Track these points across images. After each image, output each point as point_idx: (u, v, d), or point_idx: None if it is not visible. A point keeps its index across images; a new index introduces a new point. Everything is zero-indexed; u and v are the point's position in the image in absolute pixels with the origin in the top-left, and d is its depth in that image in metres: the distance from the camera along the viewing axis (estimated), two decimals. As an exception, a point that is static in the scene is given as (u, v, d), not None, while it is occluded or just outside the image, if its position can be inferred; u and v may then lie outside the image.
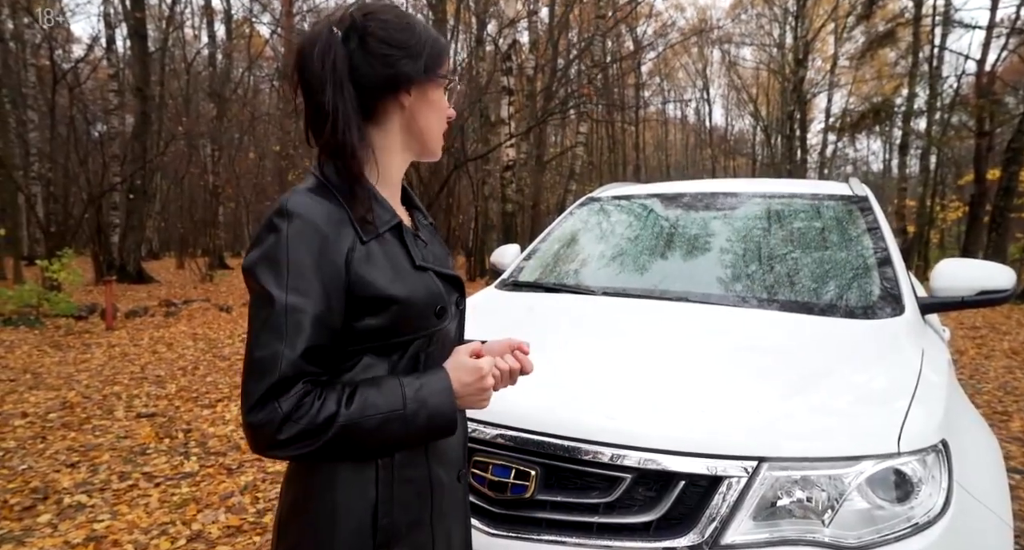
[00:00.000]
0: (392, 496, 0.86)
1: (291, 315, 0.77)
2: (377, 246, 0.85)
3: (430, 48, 0.92)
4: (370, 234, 0.85)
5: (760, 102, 29.51)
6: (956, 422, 1.37)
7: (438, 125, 0.96)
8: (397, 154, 0.94)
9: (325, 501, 0.85)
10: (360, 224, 0.84)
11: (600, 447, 1.25)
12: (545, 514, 1.27)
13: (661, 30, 23.85)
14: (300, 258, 0.79)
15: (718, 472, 1.19)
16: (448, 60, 0.96)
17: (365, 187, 0.88)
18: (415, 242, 0.92)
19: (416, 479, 0.89)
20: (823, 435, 1.24)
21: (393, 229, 0.89)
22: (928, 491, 1.20)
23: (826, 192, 2.42)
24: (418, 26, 0.92)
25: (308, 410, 0.77)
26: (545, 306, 2.13)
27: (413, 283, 0.87)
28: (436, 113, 0.94)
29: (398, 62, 0.88)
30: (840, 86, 25.96)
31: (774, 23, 25.54)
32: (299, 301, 0.78)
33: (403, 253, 0.89)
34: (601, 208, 2.81)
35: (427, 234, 1.00)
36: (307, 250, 0.79)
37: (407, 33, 0.90)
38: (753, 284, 2.04)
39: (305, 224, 0.80)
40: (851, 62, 22.00)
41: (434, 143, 0.97)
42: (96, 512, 2.74)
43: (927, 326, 1.95)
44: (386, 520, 0.85)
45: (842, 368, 1.48)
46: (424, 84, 0.91)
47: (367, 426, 0.79)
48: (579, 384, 1.44)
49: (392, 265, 0.86)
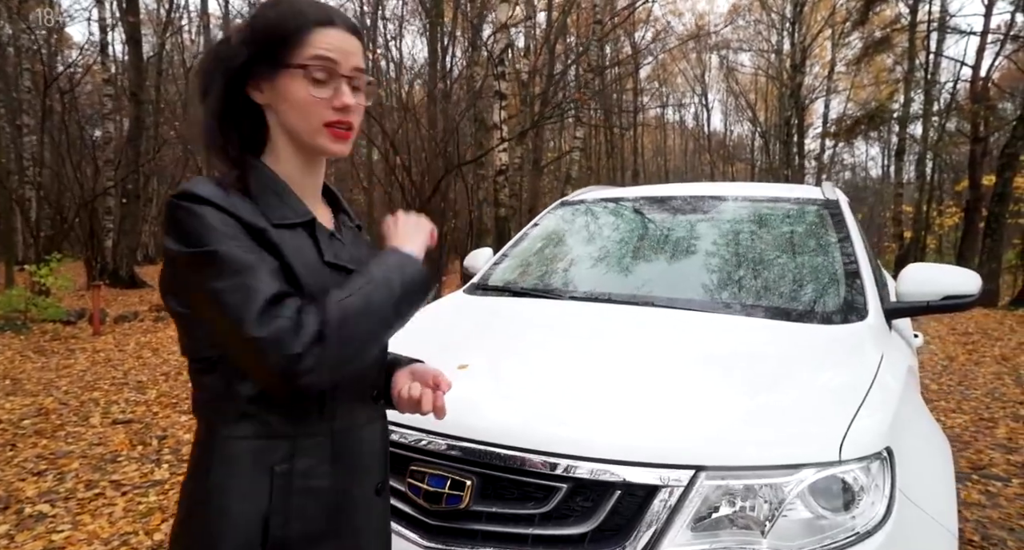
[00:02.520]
0: (288, 507, 0.82)
1: (241, 261, 0.75)
2: (289, 235, 0.83)
3: (269, 35, 0.84)
4: (279, 220, 0.83)
5: (759, 107, 29.58)
6: (906, 429, 1.33)
7: (302, 121, 0.85)
8: (287, 152, 0.90)
9: (214, 508, 0.81)
10: (266, 211, 0.83)
11: (535, 456, 1.21)
12: (480, 526, 1.23)
13: (658, 35, 23.92)
14: (228, 231, 0.77)
15: (653, 481, 1.15)
16: (309, 43, 0.84)
17: (267, 177, 0.87)
18: (329, 240, 0.90)
19: (319, 490, 0.84)
20: (763, 443, 1.20)
21: (305, 225, 0.87)
22: (871, 499, 1.16)
23: (796, 196, 2.39)
24: (271, 13, 0.85)
25: (308, 315, 0.74)
26: (508, 311, 2.09)
27: (323, 278, 0.84)
28: (295, 108, 0.85)
29: (232, 58, 0.85)
30: (838, 92, 26.03)
31: (772, 29, 25.63)
32: (243, 253, 0.76)
33: (314, 249, 0.86)
34: (574, 212, 2.77)
35: (351, 236, 0.98)
36: (231, 226, 0.78)
37: (251, 24, 0.86)
38: (716, 288, 2.01)
39: (218, 206, 0.78)
40: (848, 68, 22.06)
41: (308, 140, 0.87)
42: (57, 522, 2.69)
43: (892, 332, 1.91)
44: (279, 532, 0.81)
45: (793, 374, 1.44)
46: (274, 77, 0.85)
47: (360, 303, 0.78)
48: (521, 391, 1.40)
49: (302, 258, 0.84)
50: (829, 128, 22.34)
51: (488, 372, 1.48)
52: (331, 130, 0.87)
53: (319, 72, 0.84)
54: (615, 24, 17.69)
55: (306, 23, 0.84)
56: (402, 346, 1.82)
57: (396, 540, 1.26)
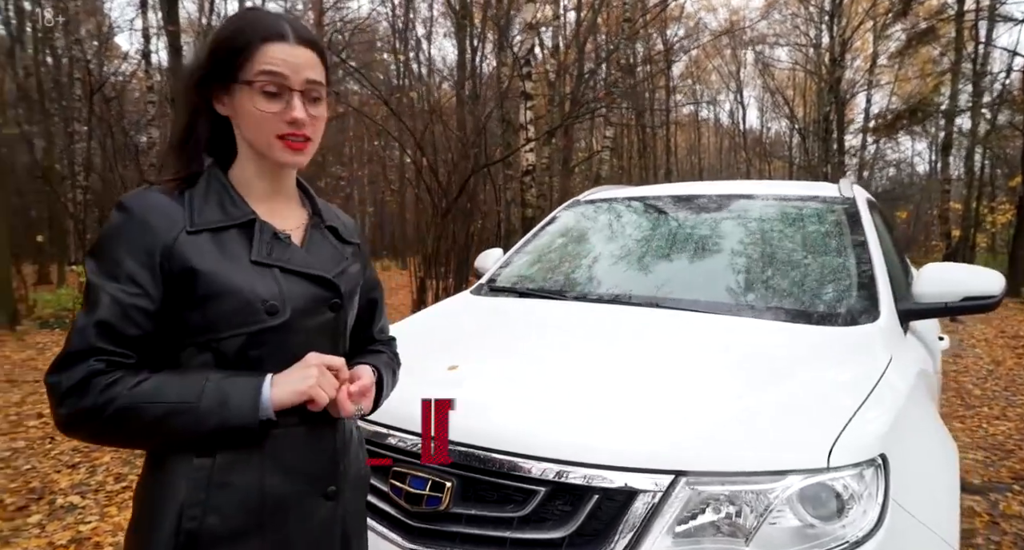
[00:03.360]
0: (203, 500, 0.82)
1: (95, 293, 0.81)
2: (211, 238, 0.86)
3: (221, 52, 0.88)
4: (200, 225, 0.86)
5: (796, 103, 28.78)
6: (906, 436, 1.27)
7: (256, 133, 0.88)
8: (250, 160, 0.93)
9: (145, 501, 0.86)
10: (194, 215, 0.86)
11: (514, 458, 1.20)
12: (460, 528, 1.23)
13: (692, 32, 23.52)
14: (116, 245, 0.82)
15: (632, 486, 1.13)
16: (257, 58, 0.86)
17: (217, 182, 0.90)
18: (271, 240, 0.90)
19: (241, 487, 0.84)
20: (748, 448, 1.16)
21: (243, 226, 0.89)
22: (862, 508, 1.11)
23: (811, 194, 2.32)
24: (223, 31, 0.90)
25: (92, 389, 0.77)
26: (508, 312, 2.08)
27: (242, 277, 0.85)
28: (250, 121, 0.88)
29: (192, 73, 0.90)
30: (880, 86, 25.12)
31: (809, 23, 24.89)
32: (104, 282, 0.81)
33: (244, 249, 0.88)
34: (584, 212, 2.75)
35: (318, 236, 0.99)
36: (126, 238, 0.82)
37: (209, 41, 0.90)
38: (722, 289, 1.96)
39: (131, 215, 0.83)
40: (891, 61, 21.25)
41: (263, 149, 0.90)
42: (85, 514, 2.80)
43: (908, 334, 1.84)
44: (192, 525, 0.81)
45: (789, 377, 1.39)
46: (230, 92, 0.88)
47: (149, 414, 0.78)
48: (504, 393, 1.39)
49: (223, 258, 0.85)
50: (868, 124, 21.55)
51: (475, 374, 1.47)
52: (285, 142, 0.89)
53: (268, 87, 0.86)
54: (646, 22, 17.47)
55: (254, 38, 0.87)
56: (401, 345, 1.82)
57: (377, 540, 1.27)
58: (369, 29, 18.73)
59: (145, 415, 0.78)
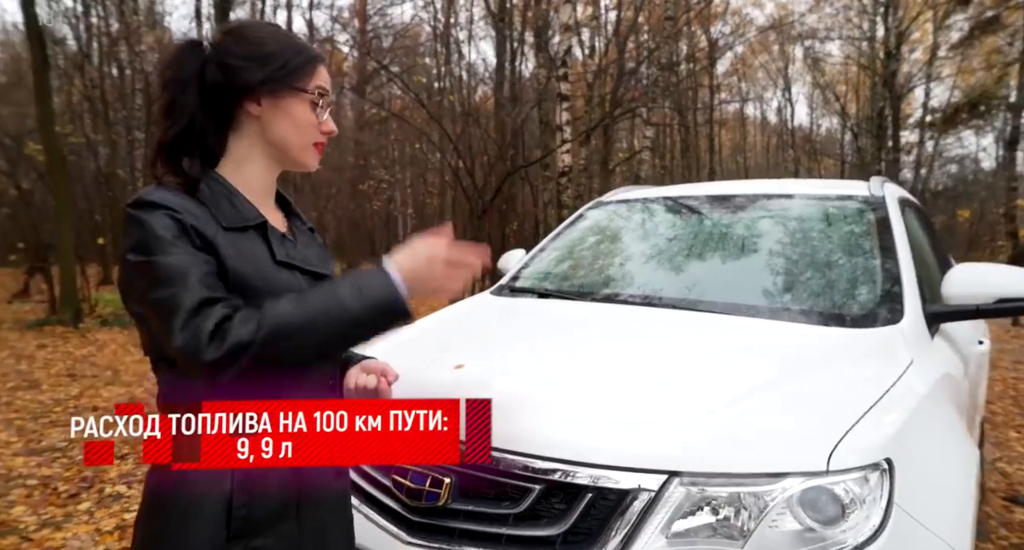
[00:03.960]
0: (251, 490, 0.87)
1: (169, 268, 0.81)
2: (240, 238, 0.90)
3: (283, 61, 0.94)
4: (230, 224, 0.89)
5: (849, 99, 27.73)
6: (920, 441, 1.23)
7: (298, 137, 0.97)
8: (257, 161, 0.98)
9: (180, 497, 0.87)
10: (218, 216, 0.89)
11: (509, 456, 1.22)
12: (458, 523, 1.25)
13: (738, 28, 22.96)
14: (169, 237, 0.83)
15: (625, 485, 1.13)
16: (315, 75, 0.97)
17: (219, 184, 0.93)
18: (281, 241, 0.96)
19: (281, 479, 0.89)
20: (745, 449, 1.14)
21: (257, 227, 0.93)
22: (864, 513, 1.08)
23: (838, 193, 2.25)
24: (274, 41, 0.95)
25: (233, 326, 0.78)
26: (523, 313, 2.10)
27: (273, 277, 0.90)
28: (295, 126, 0.96)
29: (238, 72, 0.92)
30: (941, 79, 23.92)
31: (863, 15, 23.94)
32: (179, 262, 0.81)
33: (265, 250, 0.92)
34: (606, 213, 2.73)
35: (304, 238, 1.04)
36: (175, 232, 0.83)
37: (255, 46, 0.94)
38: (741, 290, 1.92)
39: (167, 211, 0.84)
40: (952, 52, 20.20)
41: (296, 154, 0.98)
42: (131, 502, 2.96)
43: (937, 337, 1.77)
44: (243, 513, 0.86)
45: (801, 379, 1.36)
46: (278, 95, 0.94)
47: (298, 323, 0.81)
48: (504, 391, 1.40)
49: (253, 259, 0.89)
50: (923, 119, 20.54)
51: (477, 372, 1.49)
52: (316, 148, 0.99)
53: (320, 100, 0.97)
54: (689, 19, 17.17)
55: (313, 58, 0.98)
56: (408, 343, 1.86)
57: (380, 533, 1.31)
58: (411, 34, 19.05)
59: (295, 326, 0.81)
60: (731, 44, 22.33)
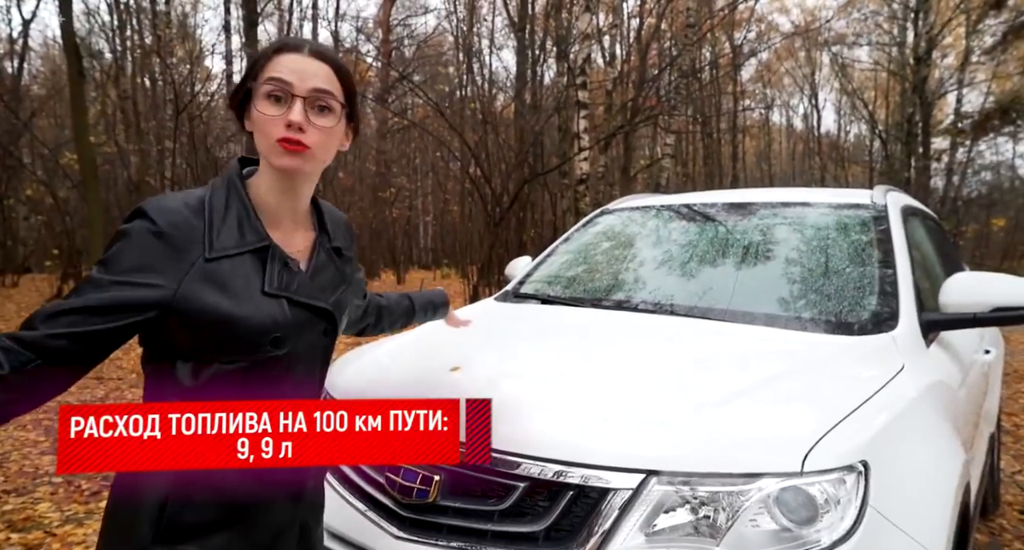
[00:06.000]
0: (186, 496, 0.88)
1: (90, 283, 0.84)
2: (226, 264, 0.88)
3: (250, 65, 0.95)
4: (216, 253, 0.88)
5: (878, 105, 27.25)
6: (903, 445, 1.24)
7: (262, 138, 0.92)
8: (263, 176, 0.97)
9: (122, 498, 0.91)
10: (209, 239, 0.88)
11: (495, 454, 1.25)
12: (446, 519, 1.29)
13: (762, 34, 22.80)
14: (131, 258, 0.84)
15: (603, 483, 1.16)
16: (269, 66, 0.91)
17: (237, 199, 0.93)
18: (281, 268, 0.93)
19: (223, 488, 0.89)
20: (722, 449, 1.17)
21: (257, 251, 0.91)
22: (839, 514, 1.10)
23: (839, 201, 2.25)
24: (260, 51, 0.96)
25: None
26: (524, 318, 2.14)
27: (254, 308, 0.88)
28: (258, 126, 0.92)
29: (233, 95, 0.96)
30: (974, 84, 23.37)
31: (892, 21, 23.55)
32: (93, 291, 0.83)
33: (258, 277, 0.90)
34: (612, 221, 2.77)
35: (324, 258, 1.02)
36: (145, 248, 0.85)
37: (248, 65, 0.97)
38: (737, 297, 1.94)
39: (143, 229, 0.85)
40: (985, 58, 19.74)
41: (267, 155, 0.93)
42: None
43: (933, 345, 1.76)
44: (175, 518, 0.87)
45: (780, 382, 1.38)
46: (249, 103, 0.93)
47: None
48: (496, 393, 1.44)
49: (234, 289, 0.88)
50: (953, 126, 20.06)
51: (472, 375, 1.54)
52: (281, 144, 0.90)
53: (274, 91, 0.90)
54: (712, 25, 17.10)
55: (270, 50, 0.93)
56: (407, 346, 1.91)
57: (373, 529, 1.36)
58: (434, 43, 19.31)
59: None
60: (756, 50, 22.15)
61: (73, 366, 0.84)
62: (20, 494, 3.10)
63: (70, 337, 0.81)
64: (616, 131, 10.27)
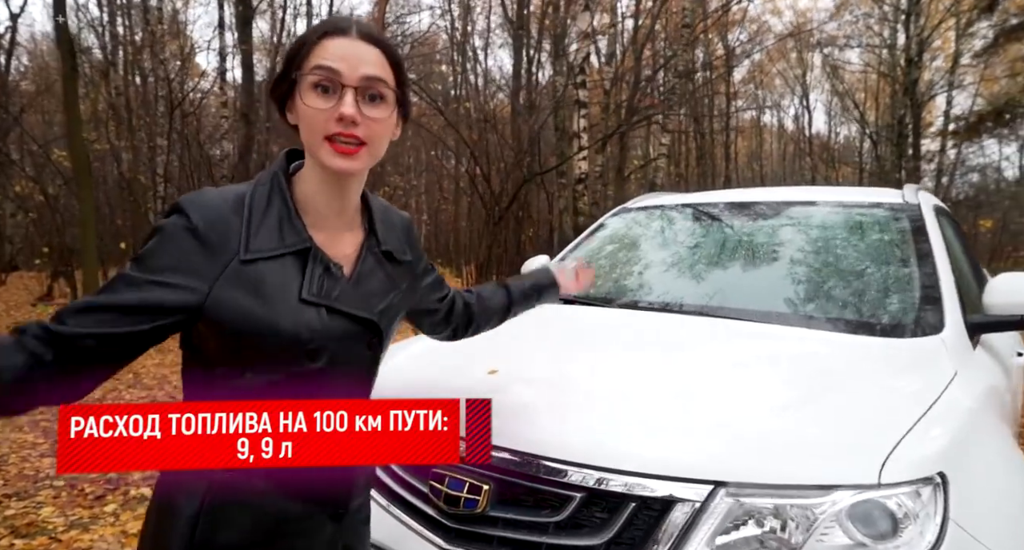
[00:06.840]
0: (217, 513, 0.84)
1: (122, 281, 0.78)
2: (264, 269, 0.82)
3: (290, 56, 0.86)
4: (252, 255, 0.82)
5: (868, 107, 27.44)
6: (971, 454, 1.20)
7: (308, 134, 0.84)
8: (309, 172, 0.89)
9: (163, 507, 0.87)
10: (246, 239, 0.82)
11: (549, 463, 1.20)
12: (497, 531, 1.24)
13: (755, 35, 22.87)
14: (166, 256, 0.79)
15: (669, 495, 1.11)
16: (313, 54, 0.83)
17: (279, 198, 0.86)
18: (322, 273, 0.86)
19: (254, 505, 0.86)
20: (793, 460, 1.12)
21: (297, 254, 0.85)
22: (918, 528, 1.05)
23: (872, 201, 2.22)
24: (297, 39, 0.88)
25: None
26: (552, 318, 2.08)
27: (288, 316, 0.82)
28: (303, 121, 0.84)
29: (273, 88, 0.89)
30: (963, 87, 23.59)
31: (883, 23, 23.72)
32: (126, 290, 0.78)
33: (297, 281, 0.84)
34: (633, 219, 2.72)
35: (372, 262, 0.94)
36: (180, 244, 0.79)
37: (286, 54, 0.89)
38: (776, 298, 1.90)
39: (179, 226, 0.80)
40: (976, 60, 19.92)
41: (313, 152, 0.85)
42: (155, 503, 2.98)
43: (979, 348, 1.73)
44: (205, 537, 0.83)
45: (842, 389, 1.34)
46: (294, 95, 0.86)
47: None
48: (541, 398, 1.39)
49: (271, 290, 0.82)
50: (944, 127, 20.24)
51: (513, 378, 1.49)
52: (332, 144, 0.82)
53: (322, 81, 0.81)
54: (707, 26, 17.13)
55: (314, 34, 0.84)
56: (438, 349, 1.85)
57: (416, 540, 1.30)
58: (429, 41, 19.20)
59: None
60: (749, 51, 22.25)
61: (102, 364, 0.80)
62: (22, 498, 3.01)
63: (97, 338, 0.76)
64: (615, 130, 10.25)
